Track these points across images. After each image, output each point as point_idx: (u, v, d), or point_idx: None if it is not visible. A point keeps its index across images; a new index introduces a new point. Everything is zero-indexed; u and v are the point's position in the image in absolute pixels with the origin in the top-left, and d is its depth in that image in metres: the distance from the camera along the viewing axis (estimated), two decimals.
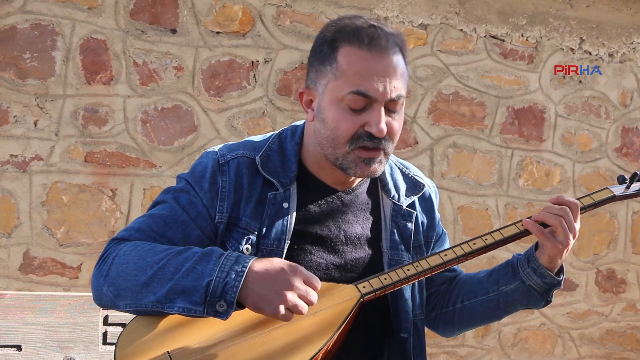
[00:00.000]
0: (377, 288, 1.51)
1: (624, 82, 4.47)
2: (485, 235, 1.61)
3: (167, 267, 1.44)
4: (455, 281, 1.79)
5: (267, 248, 1.56)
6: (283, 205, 1.58)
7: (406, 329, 1.65)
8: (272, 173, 1.59)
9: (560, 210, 1.58)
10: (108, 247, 1.55)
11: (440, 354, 4.20)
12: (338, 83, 1.50)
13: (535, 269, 1.62)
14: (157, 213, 1.57)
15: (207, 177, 1.58)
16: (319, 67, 1.54)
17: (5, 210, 3.46)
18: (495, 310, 1.71)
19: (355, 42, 1.49)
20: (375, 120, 1.50)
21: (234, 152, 1.62)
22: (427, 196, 1.76)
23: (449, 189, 4.15)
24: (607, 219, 4.47)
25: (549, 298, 1.68)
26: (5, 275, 3.45)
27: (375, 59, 1.49)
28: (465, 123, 4.19)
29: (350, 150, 1.53)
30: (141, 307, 1.45)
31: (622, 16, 4.44)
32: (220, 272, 1.40)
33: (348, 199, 1.65)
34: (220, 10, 3.75)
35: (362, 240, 1.64)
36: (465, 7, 4.16)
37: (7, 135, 3.45)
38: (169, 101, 3.68)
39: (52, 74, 3.51)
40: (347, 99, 1.49)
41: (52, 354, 2.25)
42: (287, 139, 1.65)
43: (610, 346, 4.53)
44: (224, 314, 1.40)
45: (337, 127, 1.52)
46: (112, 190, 3.60)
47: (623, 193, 1.70)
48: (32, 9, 3.48)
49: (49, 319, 2.27)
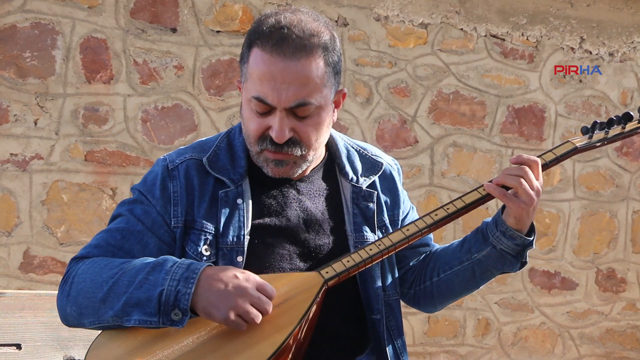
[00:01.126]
0: (340, 272, 1.50)
1: (625, 82, 4.46)
2: (447, 204, 1.58)
3: (121, 280, 1.44)
4: (429, 255, 1.76)
5: (227, 246, 1.55)
6: (237, 202, 1.57)
7: (378, 310, 1.62)
8: (222, 171, 1.59)
9: (519, 170, 1.55)
10: (69, 266, 1.55)
11: (440, 353, 4.20)
12: (247, 85, 1.51)
13: (504, 232, 1.59)
14: (114, 227, 1.57)
15: (158, 185, 1.58)
16: (240, 64, 1.55)
17: (6, 209, 3.46)
18: (472, 279, 1.68)
19: (261, 44, 1.47)
20: (275, 127, 1.48)
21: (182, 155, 1.62)
22: (387, 174, 1.73)
23: (449, 188, 4.15)
24: (607, 218, 4.47)
25: (524, 260, 1.64)
26: (5, 274, 3.45)
27: (276, 64, 1.45)
28: (466, 122, 4.19)
29: (260, 150, 1.53)
30: (104, 323, 1.45)
31: (622, 15, 4.44)
32: (172, 280, 1.40)
33: (304, 187, 1.63)
34: (221, 9, 3.75)
35: (324, 226, 1.63)
36: (465, 6, 4.16)
37: (7, 134, 3.45)
38: (169, 100, 3.68)
39: (52, 73, 3.51)
40: (252, 102, 1.49)
41: (52, 352, 2.25)
42: (235, 136, 1.65)
43: (610, 345, 4.53)
44: (179, 322, 1.39)
45: (248, 127, 1.53)
46: (112, 189, 3.60)
47: (585, 144, 1.65)
48: (32, 7, 3.48)
49: (49, 317, 2.27)
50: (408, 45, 4.07)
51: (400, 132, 4.07)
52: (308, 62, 1.46)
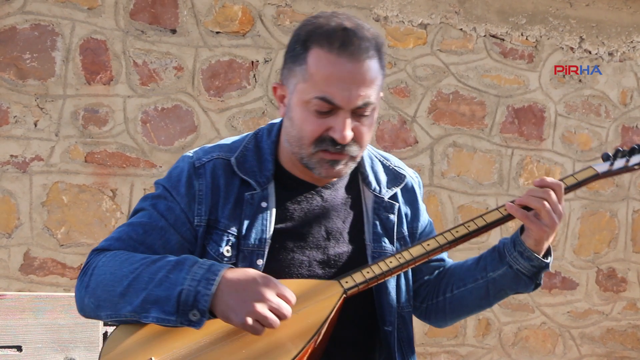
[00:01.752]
0: (360, 282, 1.50)
1: (624, 81, 4.47)
2: (467, 222, 1.59)
3: (142, 276, 1.44)
4: (443, 271, 1.77)
5: (248, 249, 1.55)
6: (261, 205, 1.57)
7: (390, 322, 1.63)
8: (249, 173, 1.59)
9: (543, 192, 1.57)
10: (89, 258, 1.55)
11: (440, 353, 4.20)
12: (306, 85, 1.49)
13: (522, 252, 1.59)
14: (136, 221, 1.57)
15: (184, 181, 1.57)
16: (290, 65, 1.53)
17: (6, 211, 3.46)
18: (485, 297, 1.68)
19: (326, 45, 1.47)
20: (339, 127, 1.48)
21: (210, 154, 1.61)
22: (409, 187, 1.74)
23: (449, 189, 4.15)
24: (607, 217, 4.47)
25: (538, 281, 1.65)
26: (5, 276, 3.45)
27: (344, 64, 1.46)
28: (465, 122, 4.19)
29: (315, 152, 1.52)
30: (121, 318, 1.45)
31: (621, 15, 4.44)
32: (192, 280, 1.40)
33: (328, 194, 1.64)
34: (220, 10, 3.75)
35: (344, 234, 1.63)
36: (465, 6, 4.16)
37: (7, 135, 3.45)
38: (169, 101, 3.68)
39: (52, 75, 3.51)
40: (313, 103, 1.48)
41: (53, 354, 2.25)
42: (263, 138, 1.64)
43: (611, 345, 4.53)
44: (197, 323, 1.39)
45: (303, 129, 1.51)
46: (113, 191, 3.60)
47: (606, 170, 1.67)
48: (32, 9, 3.48)
49: (50, 319, 2.27)
50: (407, 45, 4.07)
51: (400, 133, 4.07)
52: (371, 64, 1.49)
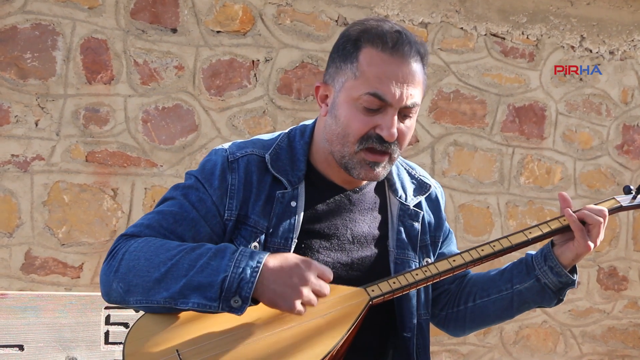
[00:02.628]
0: (386, 292, 1.54)
1: (625, 80, 4.46)
2: (493, 241, 1.63)
3: (181, 263, 1.45)
4: (465, 280, 1.80)
5: (275, 246, 1.57)
6: (291, 204, 1.59)
7: (410, 329, 1.66)
8: (281, 172, 1.60)
9: (600, 212, 1.63)
10: (117, 242, 1.55)
11: (442, 352, 4.20)
12: (356, 82, 1.52)
13: (553, 267, 1.64)
14: (167, 209, 1.58)
15: (217, 174, 1.58)
16: (339, 64, 1.56)
17: (7, 210, 3.46)
18: (509, 309, 1.72)
19: (379, 45, 1.51)
20: (387, 124, 1.52)
21: (244, 149, 1.62)
22: (433, 197, 1.78)
23: (450, 187, 4.15)
24: None
25: (562, 297, 1.69)
26: (6, 275, 3.45)
27: (396, 64, 1.51)
28: (466, 121, 4.19)
29: (358, 150, 1.54)
30: (152, 304, 1.46)
31: (622, 14, 4.44)
32: (236, 267, 1.42)
33: (356, 198, 1.66)
34: (221, 9, 3.75)
35: (368, 239, 1.65)
36: (465, 5, 4.16)
37: (8, 135, 3.45)
38: (169, 100, 3.68)
39: (53, 74, 3.51)
40: (362, 99, 1.51)
41: (54, 353, 2.25)
42: (296, 138, 1.66)
43: (612, 344, 4.53)
44: (238, 309, 1.41)
45: (349, 125, 1.53)
46: (114, 190, 3.60)
47: (629, 204, 1.74)
48: (33, 8, 3.48)
49: (51, 318, 2.27)
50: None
51: None
52: (420, 66, 1.55)
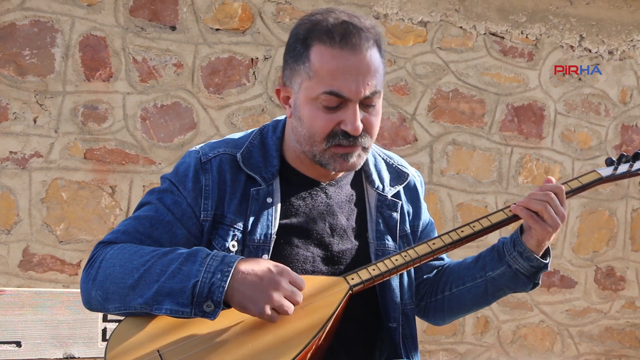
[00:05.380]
0: (366, 279, 1.52)
1: (624, 80, 4.47)
2: (473, 222, 1.61)
3: (153, 269, 1.45)
4: (442, 269, 1.79)
5: (254, 244, 1.57)
6: (267, 201, 1.59)
7: (395, 319, 1.65)
8: (254, 169, 1.60)
9: (544, 195, 1.58)
10: (95, 250, 1.55)
11: (439, 351, 4.21)
12: (312, 83, 1.50)
13: (522, 252, 1.62)
14: (143, 214, 1.58)
15: (190, 176, 1.58)
16: (293, 65, 1.54)
17: (5, 207, 3.46)
18: (484, 296, 1.71)
19: (327, 41, 1.48)
20: (350, 120, 1.50)
21: (216, 149, 1.62)
22: (412, 185, 1.76)
23: (449, 187, 4.16)
24: (606, 216, 4.48)
25: (537, 281, 1.67)
26: (4, 272, 3.45)
27: (347, 57, 1.48)
28: (465, 120, 4.19)
29: (327, 147, 1.53)
30: (130, 310, 1.46)
31: (622, 13, 4.44)
32: (207, 272, 1.41)
33: (332, 191, 1.65)
34: (220, 7, 3.75)
35: (348, 231, 1.65)
36: (465, 4, 4.16)
37: (6, 132, 3.45)
38: (168, 98, 3.68)
39: (52, 71, 3.51)
40: (321, 99, 1.49)
41: (52, 350, 2.26)
42: (268, 135, 1.65)
43: (609, 343, 4.53)
44: (211, 314, 1.41)
45: (313, 126, 1.52)
46: (112, 187, 3.60)
47: (610, 175, 1.70)
48: (32, 5, 3.47)
49: (49, 315, 2.27)
50: (407, 43, 4.07)
51: (400, 130, 4.07)
52: (373, 52, 1.51)
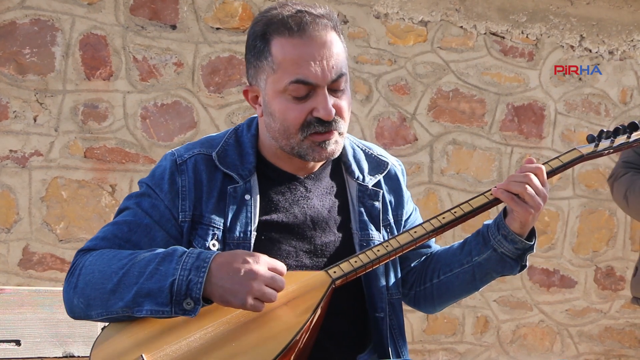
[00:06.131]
0: (348, 272, 1.51)
1: (624, 80, 4.47)
2: (454, 208, 1.60)
3: (132, 271, 1.45)
4: (430, 257, 1.78)
5: (234, 242, 1.57)
6: (245, 198, 1.59)
7: (381, 309, 1.64)
8: (230, 167, 1.60)
9: (523, 177, 1.56)
10: (75, 258, 1.56)
11: (438, 350, 4.21)
12: (277, 76, 1.51)
13: (506, 235, 1.60)
14: (121, 220, 1.59)
15: (166, 179, 1.59)
16: (255, 62, 1.55)
17: (5, 206, 3.46)
18: (472, 282, 1.69)
19: (285, 32, 1.49)
20: (322, 105, 1.51)
21: (191, 150, 1.63)
22: (392, 174, 1.75)
23: (449, 186, 4.16)
24: (606, 216, 4.48)
25: (524, 263, 1.66)
26: (4, 271, 3.45)
27: (308, 44, 1.49)
28: (465, 120, 4.19)
29: (304, 138, 1.53)
30: (113, 315, 1.46)
31: (622, 13, 4.44)
32: (183, 270, 1.42)
33: (311, 184, 1.65)
34: (220, 6, 3.75)
35: (330, 223, 1.64)
36: (465, 4, 4.16)
37: (6, 130, 3.45)
38: (168, 97, 3.68)
39: (52, 70, 3.51)
40: (289, 90, 1.50)
41: (51, 348, 2.26)
42: (243, 133, 1.66)
43: (609, 343, 4.53)
44: (192, 311, 1.41)
45: (286, 119, 1.52)
46: (112, 186, 3.60)
47: (592, 152, 1.66)
48: (32, 4, 3.47)
49: (48, 314, 2.27)
50: (408, 42, 4.06)
51: (400, 130, 4.07)
52: (333, 36, 1.52)
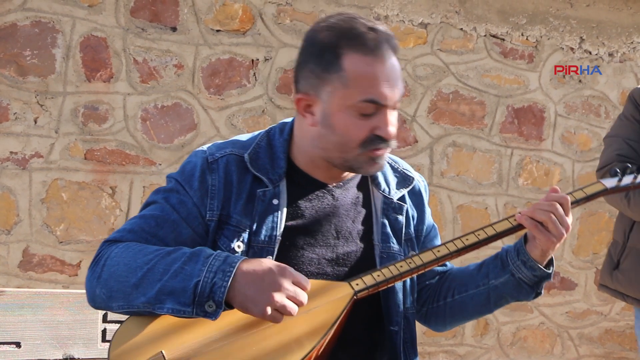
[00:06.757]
0: (370, 285, 1.52)
1: (624, 82, 4.47)
2: (478, 230, 1.61)
3: (156, 268, 1.45)
4: (445, 275, 1.79)
5: (259, 245, 1.57)
6: (273, 202, 1.59)
7: (397, 322, 1.65)
8: (261, 170, 1.60)
9: (549, 206, 1.58)
10: (101, 248, 1.56)
11: (439, 352, 4.21)
12: (348, 91, 1.51)
13: (525, 261, 1.62)
14: (149, 213, 1.58)
15: (197, 176, 1.58)
16: (321, 74, 1.53)
17: (5, 207, 3.46)
18: (486, 304, 1.70)
19: (360, 49, 1.50)
20: (386, 125, 1.53)
21: (223, 150, 1.62)
22: (416, 190, 1.77)
23: (449, 188, 4.16)
24: (606, 218, 4.48)
25: (539, 290, 1.67)
26: (4, 272, 3.45)
27: (380, 64, 1.50)
28: (465, 122, 4.19)
29: (361, 153, 1.55)
30: (133, 309, 1.46)
31: (622, 16, 4.44)
32: (209, 272, 1.41)
33: (339, 193, 1.66)
34: (221, 8, 3.75)
35: (353, 234, 1.65)
36: (465, 6, 4.16)
37: (7, 132, 3.45)
38: (169, 99, 3.68)
39: (52, 72, 3.51)
40: (358, 107, 1.51)
41: (51, 351, 2.26)
42: (275, 136, 1.65)
43: (609, 346, 4.53)
44: (212, 314, 1.41)
45: (348, 133, 1.53)
46: (112, 188, 3.60)
47: (615, 187, 1.70)
48: (33, 6, 3.48)
49: (48, 316, 2.27)
50: (408, 44, 4.07)
51: (400, 132, 4.07)
52: (396, 58, 1.55)
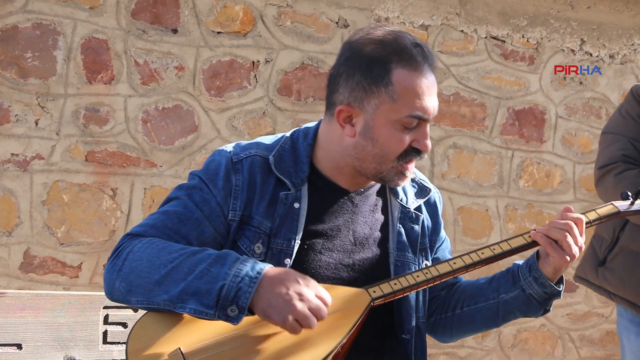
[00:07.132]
0: (387, 293, 1.54)
1: (625, 84, 4.47)
2: (493, 245, 1.64)
3: (181, 267, 1.45)
4: (455, 287, 1.81)
5: (277, 247, 1.58)
6: (294, 205, 1.60)
7: (408, 331, 1.67)
8: (285, 173, 1.61)
9: (564, 225, 1.61)
10: (122, 242, 1.56)
11: (440, 354, 4.20)
12: (396, 106, 1.53)
13: (537, 278, 1.65)
14: (171, 210, 1.58)
15: (221, 175, 1.59)
16: (368, 86, 1.55)
17: (6, 209, 3.46)
18: (494, 318, 1.73)
19: (409, 64, 1.53)
20: (423, 138, 1.57)
21: (247, 150, 1.63)
22: (432, 201, 1.80)
23: (449, 190, 4.16)
24: None
25: (548, 307, 1.71)
26: (5, 274, 3.45)
27: (425, 80, 1.54)
28: (466, 124, 4.19)
29: (395, 165, 1.58)
30: (153, 305, 1.47)
31: (622, 17, 4.44)
32: (235, 276, 1.42)
33: (358, 200, 1.67)
34: (222, 10, 3.76)
35: (369, 240, 1.67)
36: (466, 8, 4.16)
37: (8, 134, 3.45)
38: (169, 101, 3.69)
39: (54, 74, 3.51)
40: (403, 121, 1.54)
41: (53, 352, 2.26)
42: (299, 140, 1.67)
43: (611, 348, 4.53)
44: (234, 318, 1.41)
45: (389, 145, 1.56)
46: (113, 190, 3.60)
47: (627, 209, 1.75)
48: (34, 8, 3.48)
49: (49, 317, 2.27)
50: None
51: None
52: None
